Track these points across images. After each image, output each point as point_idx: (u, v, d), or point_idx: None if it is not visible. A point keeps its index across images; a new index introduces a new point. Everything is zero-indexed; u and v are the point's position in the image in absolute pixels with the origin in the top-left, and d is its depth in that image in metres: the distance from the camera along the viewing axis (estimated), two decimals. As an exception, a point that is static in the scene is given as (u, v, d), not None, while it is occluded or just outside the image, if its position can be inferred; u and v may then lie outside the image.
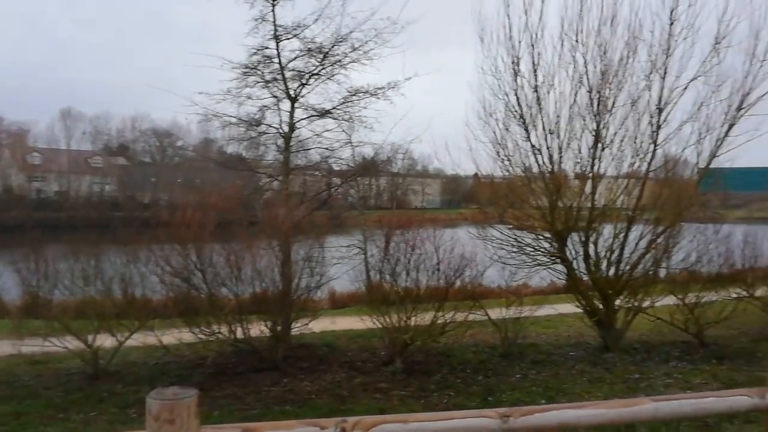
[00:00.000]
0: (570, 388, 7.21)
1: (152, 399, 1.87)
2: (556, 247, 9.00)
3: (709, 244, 9.18)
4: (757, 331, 10.04)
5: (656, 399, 2.45)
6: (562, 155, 8.72)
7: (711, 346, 9.01)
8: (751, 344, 9.18)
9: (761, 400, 2.51)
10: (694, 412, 2.51)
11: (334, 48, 9.54)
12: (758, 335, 9.78)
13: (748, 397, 2.52)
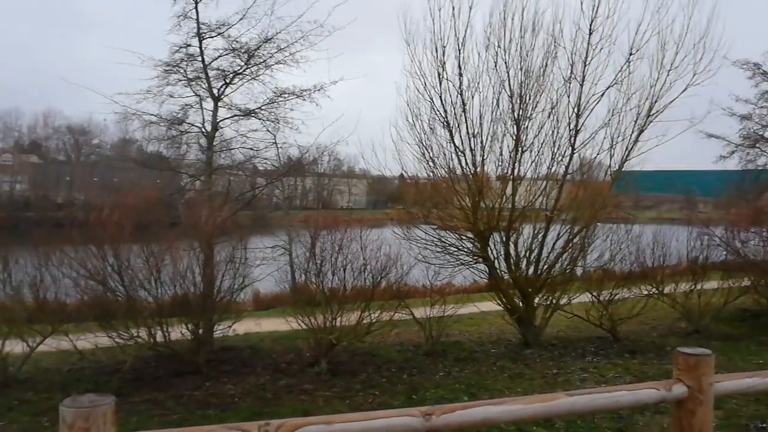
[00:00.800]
0: (491, 385, 7.41)
1: (66, 407, 1.81)
2: (479, 247, 9.24)
3: (621, 244, 9.69)
4: (666, 326, 10.68)
5: (571, 394, 2.54)
6: (485, 157, 8.98)
7: (624, 341, 9.49)
8: (661, 339, 9.73)
9: (668, 392, 2.64)
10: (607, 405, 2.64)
11: (260, 48, 9.63)
12: (667, 330, 10.39)
13: (656, 390, 2.65)
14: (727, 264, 10.79)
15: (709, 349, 8.41)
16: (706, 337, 9.58)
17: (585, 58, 8.80)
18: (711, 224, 11.26)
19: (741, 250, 10.56)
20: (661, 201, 32.29)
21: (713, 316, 10.08)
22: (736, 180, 12.71)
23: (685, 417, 2.65)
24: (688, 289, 10.03)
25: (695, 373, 2.65)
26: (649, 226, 13.57)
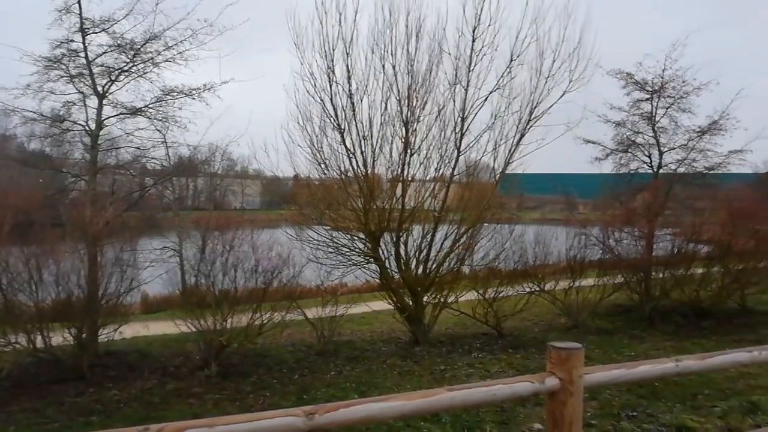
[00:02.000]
0: (381, 382, 7.48)
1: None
2: (370, 248, 9.31)
3: (505, 243, 10.12)
4: (547, 321, 11.27)
5: (451, 389, 2.59)
6: (376, 160, 9.07)
7: (508, 336, 9.91)
8: (542, 334, 10.25)
9: (542, 384, 2.74)
10: (485, 398, 2.68)
11: (147, 45, 9.42)
12: (548, 326, 10.97)
13: (530, 383, 2.74)
14: (603, 262, 11.52)
15: (586, 343, 8.94)
16: (583, 331, 10.20)
17: (469, 64, 9.11)
18: (588, 224, 12.03)
19: (615, 248, 11.33)
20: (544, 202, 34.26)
21: (590, 311, 10.75)
22: (611, 183, 13.64)
23: (557, 407, 2.76)
24: (568, 286, 10.64)
25: (566, 365, 2.76)
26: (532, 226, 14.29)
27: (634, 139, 12.74)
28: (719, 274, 10.88)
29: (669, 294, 10.93)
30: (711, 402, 6.44)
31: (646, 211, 11.40)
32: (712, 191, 12.49)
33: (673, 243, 11.31)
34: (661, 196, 11.77)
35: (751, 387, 6.95)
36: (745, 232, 10.76)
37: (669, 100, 12.31)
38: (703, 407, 6.30)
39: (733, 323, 10.51)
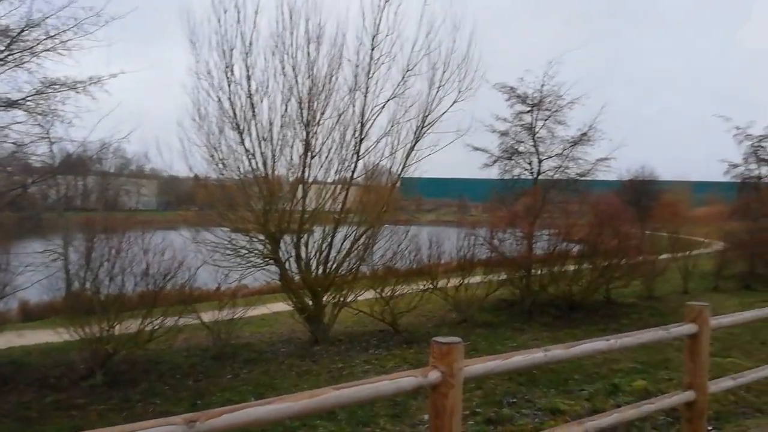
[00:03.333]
0: (279, 384, 7.55)
1: None
2: (270, 249, 9.38)
3: (402, 244, 10.56)
4: (440, 317, 11.85)
5: (338, 387, 2.61)
6: (276, 161, 9.16)
7: (403, 333, 10.32)
8: (435, 329, 10.77)
9: (425, 378, 2.86)
10: (371, 395, 2.77)
11: (24, 33, 8.69)
12: (440, 321, 11.55)
13: (414, 378, 2.84)
14: (489, 260, 12.34)
15: (474, 336, 9.52)
16: (472, 325, 10.85)
17: (368, 71, 9.47)
18: (477, 226, 12.79)
19: (500, 248, 12.16)
20: (440, 205, 35.67)
21: (478, 306, 11.46)
22: (498, 187, 14.55)
23: (439, 399, 2.89)
24: (458, 283, 11.28)
25: (447, 359, 2.89)
26: (429, 227, 14.93)
27: (517, 148, 13.77)
28: (588, 270, 12.01)
29: (546, 289, 11.92)
30: (580, 386, 7.18)
31: (527, 214, 12.32)
32: (583, 196, 13.76)
33: (550, 243, 12.33)
34: (540, 200, 12.79)
35: (614, 371, 7.79)
36: (609, 233, 11.96)
37: (546, 112, 13.46)
38: (573, 391, 7.00)
39: (599, 314, 11.63)
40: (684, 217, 17.93)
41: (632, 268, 12.45)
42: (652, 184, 34.42)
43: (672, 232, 16.15)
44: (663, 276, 14.61)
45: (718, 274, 15.94)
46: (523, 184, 13.93)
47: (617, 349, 3.87)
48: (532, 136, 13.59)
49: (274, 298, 11.21)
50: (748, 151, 21.32)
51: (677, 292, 14.60)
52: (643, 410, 3.94)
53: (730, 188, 23.20)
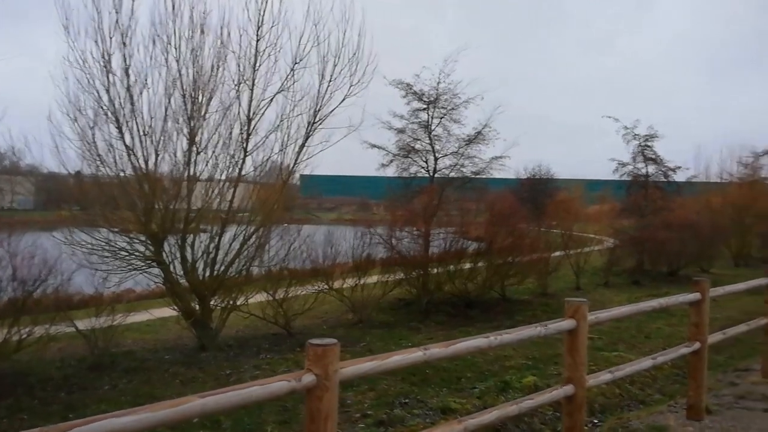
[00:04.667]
0: (161, 393, 7.04)
1: None
2: (153, 251, 8.75)
3: (295, 243, 10.23)
4: (336, 318, 11.62)
5: (203, 395, 2.48)
6: (159, 157, 8.56)
7: (297, 335, 10.00)
8: (330, 330, 10.54)
9: (298, 382, 2.75)
10: (240, 401, 2.62)
11: None
12: (336, 322, 11.32)
13: (287, 382, 2.73)
14: (387, 260, 12.28)
15: (370, 336, 9.31)
16: (368, 325, 10.71)
17: (254, 64, 9.05)
18: (375, 225, 12.69)
19: (397, 247, 12.13)
20: (341, 203, 35.59)
21: (374, 306, 11.34)
22: (396, 185, 14.55)
23: (314, 403, 2.81)
24: (354, 283, 11.10)
25: (323, 362, 2.81)
26: (329, 226, 14.68)
27: (414, 146, 13.81)
28: (484, 268, 12.23)
29: (443, 287, 12.00)
30: (472, 384, 7.20)
31: (424, 212, 12.38)
32: (479, 194, 14.03)
33: (447, 241, 12.45)
34: (437, 199, 12.89)
35: (506, 368, 7.89)
36: (505, 231, 12.24)
37: (442, 110, 13.58)
38: (466, 389, 7.01)
39: (494, 311, 11.86)
40: (577, 215, 18.83)
41: (527, 266, 12.82)
42: (548, 183, 36.09)
43: (565, 229, 16.86)
44: (556, 273, 15.21)
45: (608, 270, 16.80)
46: (419, 182, 13.99)
47: (496, 346, 3.81)
48: (429, 133, 13.68)
49: (159, 303, 10.54)
50: (636, 150, 22.42)
51: (570, 288, 15.23)
52: (524, 406, 3.89)
53: (621, 186, 24.45)
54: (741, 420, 5.57)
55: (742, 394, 6.37)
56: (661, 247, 16.80)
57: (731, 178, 26.92)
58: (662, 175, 22.57)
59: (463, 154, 13.62)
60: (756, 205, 23.01)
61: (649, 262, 17.47)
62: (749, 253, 22.89)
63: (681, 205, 21.90)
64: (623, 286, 15.84)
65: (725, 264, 20.97)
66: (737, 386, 6.75)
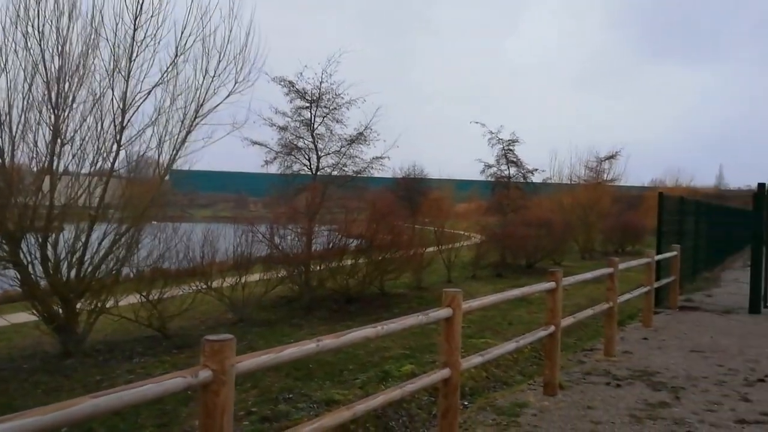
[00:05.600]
0: (21, 404, 6.52)
1: None
2: (8, 251, 8.04)
3: (171, 242, 9.87)
4: (215, 318, 11.35)
5: (96, 395, 2.41)
6: (16, 148, 7.87)
7: (174, 337, 9.66)
8: (209, 331, 10.26)
9: (194, 378, 2.75)
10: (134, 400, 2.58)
11: None
12: (215, 322, 11.05)
13: (183, 378, 2.71)
14: (269, 257, 12.20)
15: (252, 335, 9.26)
16: (249, 324, 10.59)
17: (130, 54, 8.61)
18: (256, 222, 12.55)
19: (279, 244, 12.09)
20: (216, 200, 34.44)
21: (256, 305, 11.23)
22: (279, 183, 14.47)
23: (210, 398, 2.83)
24: (234, 282, 10.91)
25: (219, 357, 2.84)
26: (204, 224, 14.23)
27: (297, 143, 13.83)
28: (364, 264, 12.56)
29: (325, 284, 12.16)
30: (354, 375, 7.43)
31: (307, 210, 12.46)
32: (360, 192, 14.36)
33: (329, 238, 12.63)
34: (319, 196, 13.02)
35: (386, 358, 8.21)
36: (384, 228, 12.66)
37: (325, 110, 13.74)
38: (348, 381, 7.22)
39: (374, 306, 12.23)
40: (448, 213, 19.87)
41: (404, 261, 13.33)
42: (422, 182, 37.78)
43: (438, 226, 17.74)
44: (430, 267, 15.95)
45: (476, 264, 17.90)
46: (302, 180, 14.04)
47: (384, 335, 4.03)
48: (311, 132, 13.76)
49: (13, 308, 9.70)
50: (500, 153, 24.50)
51: (442, 281, 16.03)
52: (407, 389, 4.16)
53: (488, 186, 26.34)
54: (587, 393, 6.32)
55: (589, 371, 7.21)
56: (521, 243, 18.27)
57: (579, 180, 29.88)
58: (522, 176, 24.79)
59: (346, 154, 13.88)
60: (599, 204, 25.78)
61: (511, 256, 18.86)
62: (593, 247, 25.45)
63: (538, 205, 24.09)
64: (489, 278, 16.96)
65: (574, 257, 23.09)
66: (584, 364, 7.61)
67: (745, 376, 7.07)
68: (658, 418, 5.54)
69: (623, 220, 25.65)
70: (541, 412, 5.70)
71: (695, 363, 7.69)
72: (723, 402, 6.08)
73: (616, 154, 29.38)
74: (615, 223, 25.65)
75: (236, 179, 32.34)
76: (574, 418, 5.53)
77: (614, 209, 26.70)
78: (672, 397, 6.19)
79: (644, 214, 26.94)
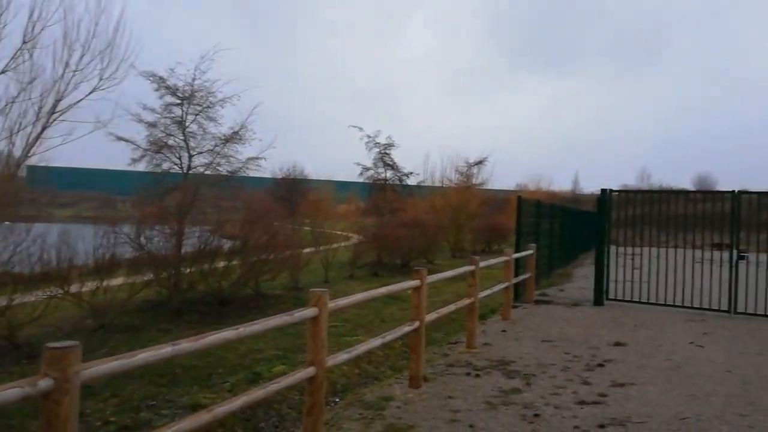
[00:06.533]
0: None
1: None
2: None
3: (22, 244, 9.11)
4: (72, 325, 10.59)
5: None
6: None
7: (25, 347, 8.92)
8: (66, 338, 9.49)
9: (33, 388, 2.64)
10: None
11: None
12: (73, 329, 10.31)
13: (20, 388, 2.60)
14: (135, 260, 11.58)
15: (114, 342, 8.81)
16: (111, 330, 10.00)
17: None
18: (122, 222, 11.87)
19: (147, 246, 11.53)
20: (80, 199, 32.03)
21: (119, 310, 10.61)
22: (147, 182, 13.76)
23: (51, 409, 2.71)
24: (95, 286, 10.27)
25: (61, 365, 2.75)
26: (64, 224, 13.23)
27: (167, 141, 13.24)
28: (239, 265, 12.34)
29: (196, 286, 11.79)
30: (223, 379, 7.33)
31: (177, 210, 12.01)
32: (236, 193, 14.06)
33: (201, 239, 12.26)
34: (191, 196, 12.57)
35: (257, 360, 8.17)
36: (260, 229, 12.52)
37: (198, 107, 13.28)
38: (217, 384, 7.12)
39: (249, 307, 12.05)
40: (327, 214, 20.06)
41: (280, 262, 13.25)
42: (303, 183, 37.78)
43: (316, 226, 17.84)
44: (308, 268, 16.00)
45: (353, 264, 18.20)
46: (172, 179, 13.47)
47: (246, 336, 4.06)
48: (183, 130, 13.26)
49: None
50: (377, 156, 25.39)
51: (320, 281, 16.12)
52: (270, 389, 4.21)
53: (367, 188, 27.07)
54: (449, 384, 6.74)
55: (452, 363, 7.67)
56: (396, 243, 18.88)
57: (450, 183, 31.48)
58: (398, 179, 25.82)
59: (220, 153, 13.49)
60: (468, 206, 27.35)
61: (387, 256, 19.41)
62: (463, 246, 26.86)
63: (412, 206, 25.05)
64: (366, 277, 17.32)
65: (445, 256, 24.30)
66: (448, 357, 8.08)
67: (586, 362, 7.88)
68: (510, 404, 6.04)
69: (490, 221, 27.32)
70: (405, 404, 5.99)
71: (546, 352, 8.43)
72: (567, 386, 6.74)
73: (484, 159, 31.30)
74: (483, 224, 27.26)
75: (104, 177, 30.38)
76: (435, 408, 5.88)
77: (482, 211, 28.39)
78: (524, 384, 6.76)
79: (509, 216, 28.77)
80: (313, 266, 16.57)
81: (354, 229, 21.22)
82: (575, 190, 57.53)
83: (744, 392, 6.62)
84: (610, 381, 6.96)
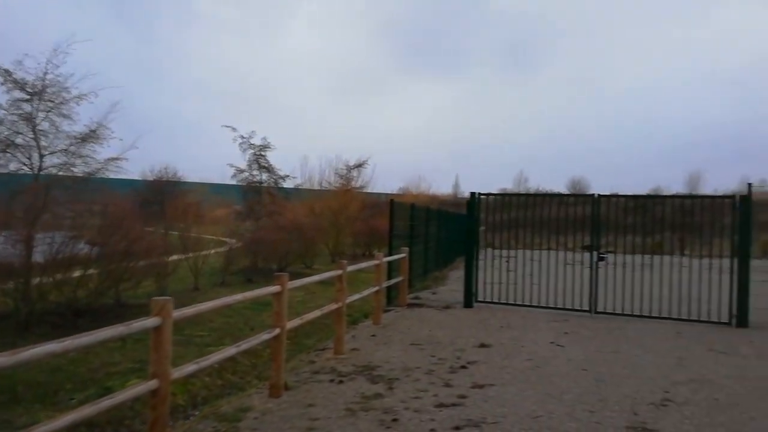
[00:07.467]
0: None
1: None
2: None
3: None
4: None
5: None
6: None
7: None
8: None
9: None
10: None
11: None
12: None
13: None
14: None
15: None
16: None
17: None
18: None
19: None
20: None
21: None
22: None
23: None
24: None
25: None
26: None
27: (14, 140, 12.13)
28: (97, 274, 11.53)
29: (47, 297, 10.89)
30: (71, 395, 6.83)
31: (25, 215, 11.04)
32: (94, 195, 13.11)
33: (54, 246, 11.34)
34: (42, 199, 11.58)
35: (110, 374, 7.69)
36: (120, 235, 11.78)
37: (50, 104, 12.27)
38: (63, 401, 6.62)
39: (108, 318, 11.27)
40: (199, 217, 19.29)
41: (142, 270, 12.54)
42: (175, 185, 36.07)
43: (184, 231, 17.08)
44: (176, 275, 15.27)
45: (225, 270, 17.61)
46: (21, 181, 12.33)
47: (74, 349, 3.78)
48: (33, 128, 12.18)
49: None
50: (251, 158, 24.70)
51: (188, 289, 15.48)
52: (103, 406, 3.94)
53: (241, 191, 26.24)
54: (312, 391, 6.64)
55: (317, 370, 7.59)
56: (273, 247, 18.53)
57: (329, 186, 31.53)
58: (274, 182, 25.34)
59: (75, 153, 12.51)
60: (348, 209, 27.51)
61: (263, 261, 19.01)
62: (343, 250, 26.97)
63: (290, 209, 24.71)
64: (239, 284, 16.83)
65: (324, 260, 24.15)
66: (315, 363, 7.98)
67: (450, 365, 7.93)
68: (370, 409, 6.00)
69: (371, 225, 27.54)
70: (263, 414, 5.84)
71: (412, 355, 8.50)
72: (428, 389, 6.76)
73: (364, 162, 31.62)
74: (363, 227, 27.43)
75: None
76: (294, 417, 5.77)
77: (363, 214, 28.55)
78: (386, 388, 6.75)
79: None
80: (182, 273, 15.88)
81: (228, 233, 20.61)
82: (456, 194, 59.64)
83: (596, 389, 6.93)
84: (471, 383, 7.07)
